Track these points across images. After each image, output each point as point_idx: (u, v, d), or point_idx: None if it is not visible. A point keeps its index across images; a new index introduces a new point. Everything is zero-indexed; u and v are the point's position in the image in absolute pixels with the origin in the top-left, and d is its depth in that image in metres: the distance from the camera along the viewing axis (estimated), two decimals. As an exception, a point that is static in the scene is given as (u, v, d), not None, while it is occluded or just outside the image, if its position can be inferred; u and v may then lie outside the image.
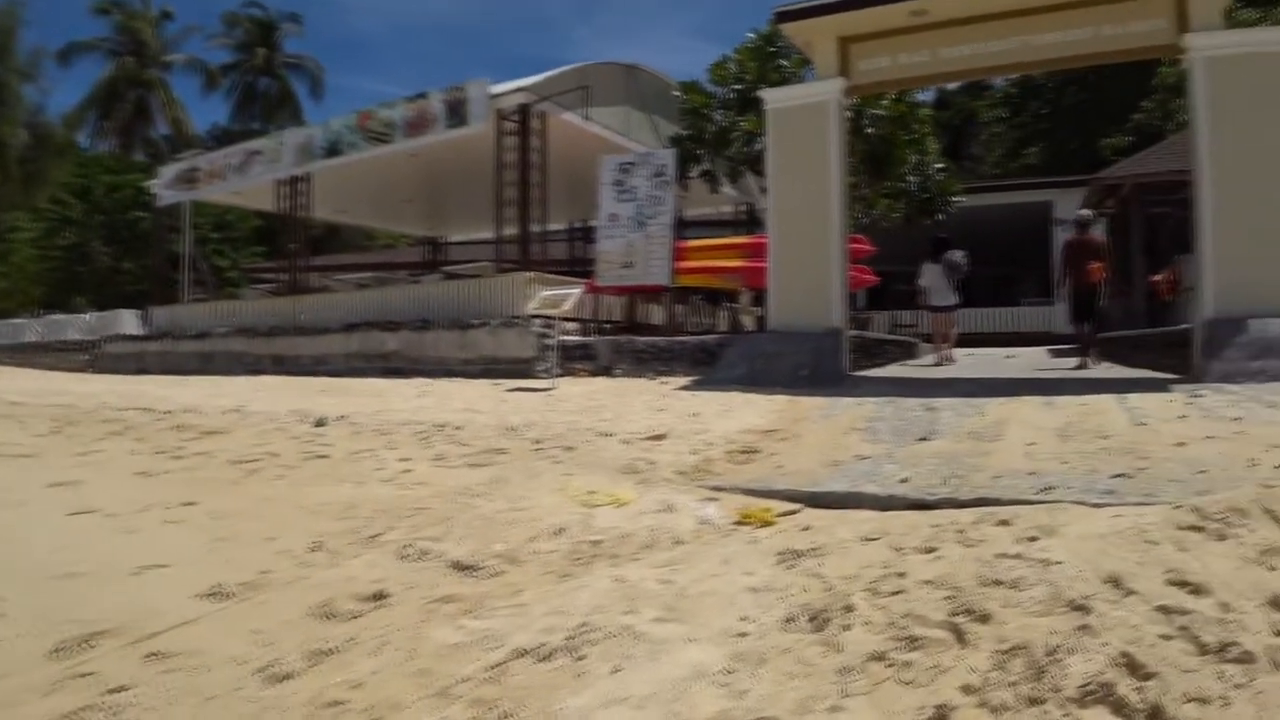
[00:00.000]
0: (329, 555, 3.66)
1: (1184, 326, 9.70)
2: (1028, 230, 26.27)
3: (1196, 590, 2.99)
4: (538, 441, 5.98)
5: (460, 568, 3.59)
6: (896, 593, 3.13)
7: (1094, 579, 3.13)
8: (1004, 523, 3.95)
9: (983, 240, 27.36)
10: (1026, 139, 42.06)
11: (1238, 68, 8.34)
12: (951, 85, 45.11)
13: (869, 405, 7.19)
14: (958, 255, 13.64)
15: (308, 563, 3.57)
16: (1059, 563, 3.26)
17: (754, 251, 11.64)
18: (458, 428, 6.71)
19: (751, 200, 20.04)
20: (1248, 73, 8.32)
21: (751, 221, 19.87)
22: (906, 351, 15.07)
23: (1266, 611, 2.83)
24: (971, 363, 13.71)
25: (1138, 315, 16.07)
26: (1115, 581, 3.10)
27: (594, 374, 10.35)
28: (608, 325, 12.31)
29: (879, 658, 2.48)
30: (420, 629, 2.79)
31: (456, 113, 12.56)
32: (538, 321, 10.67)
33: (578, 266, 15.69)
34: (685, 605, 3.02)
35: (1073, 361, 12.07)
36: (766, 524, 4.29)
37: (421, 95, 13.28)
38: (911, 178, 15.86)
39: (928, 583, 3.19)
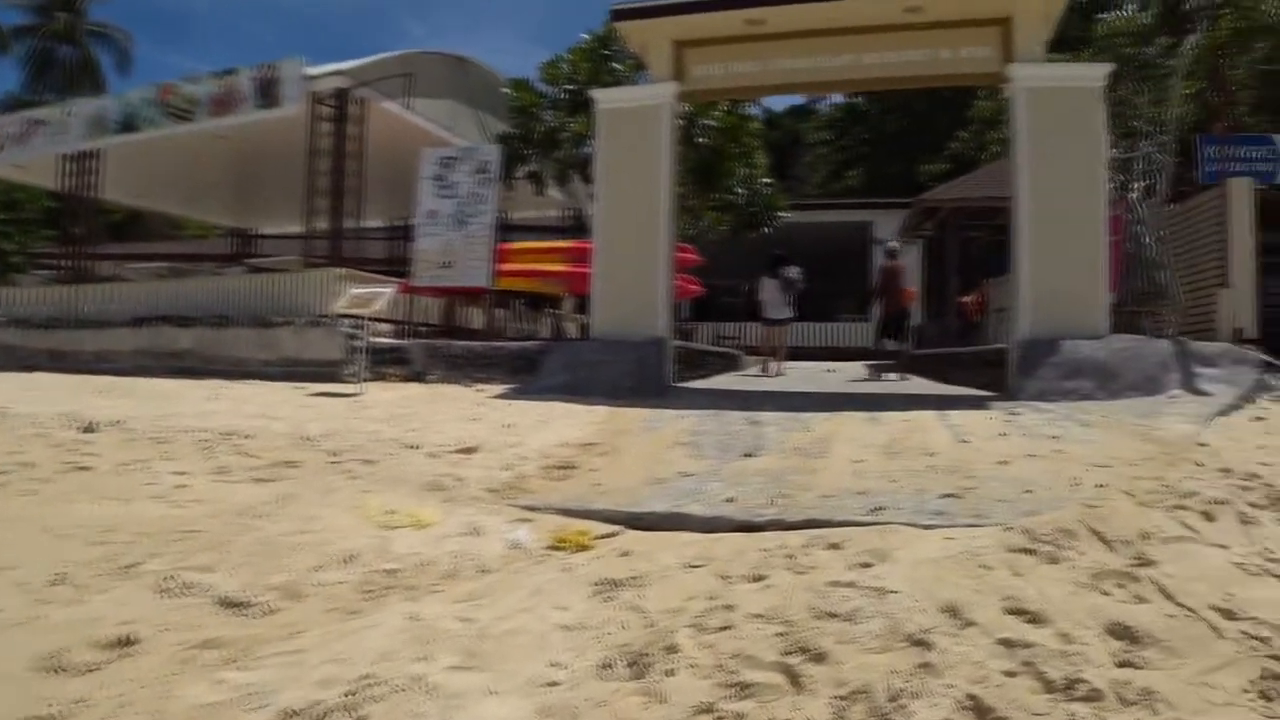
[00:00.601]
0: (73, 590, 3.17)
1: (999, 346, 10.13)
2: (848, 248, 27.24)
3: (1035, 619, 2.92)
4: (335, 454, 5.53)
5: (230, 604, 3.18)
6: (725, 628, 2.93)
7: (932, 609, 3.02)
8: (835, 546, 3.84)
9: (805, 256, 28.29)
10: (849, 162, 43.81)
11: (1055, 99, 8.74)
12: (780, 106, 46.62)
13: (693, 418, 7.07)
14: (794, 271, 14.25)
15: (45, 599, 3.07)
16: (895, 592, 3.14)
17: (578, 256, 11.43)
18: (247, 436, 6.15)
19: (579, 205, 19.87)
20: (1063, 104, 8.73)
21: (579, 227, 19.65)
22: (730, 363, 15.20)
23: (1105, 640, 2.79)
24: (793, 377, 13.95)
25: (951, 334, 16.82)
26: (953, 611, 2.99)
27: (406, 379, 9.86)
28: (424, 328, 11.80)
29: (707, 710, 2.27)
30: (171, 685, 2.39)
31: (268, 93, 11.74)
32: (347, 322, 10.08)
33: (397, 266, 15.03)
34: (488, 649, 2.72)
35: (893, 375, 13.11)
36: (583, 548, 4.03)
37: (230, 71, 12.35)
38: (740, 190, 16.04)
39: (758, 616, 3.00)
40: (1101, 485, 4.56)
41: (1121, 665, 2.64)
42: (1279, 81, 16.82)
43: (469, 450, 5.63)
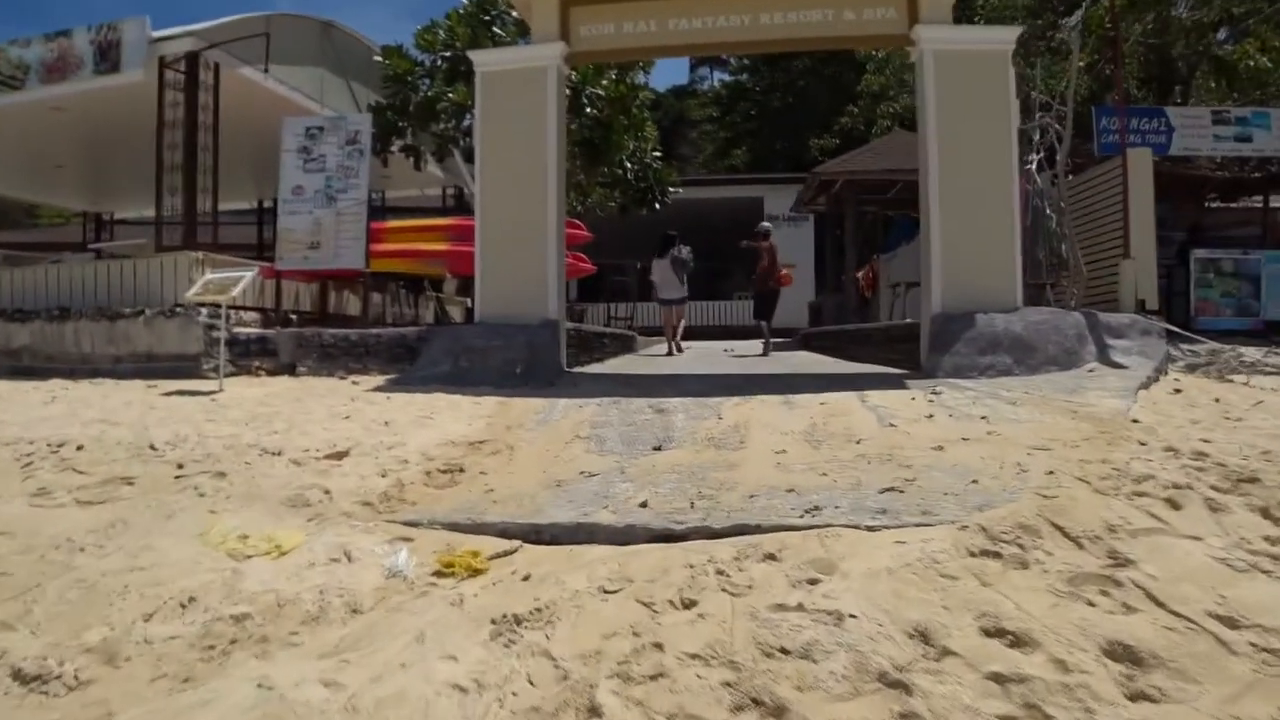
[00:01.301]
0: None
1: (907, 321, 9.86)
2: (740, 225, 26.99)
3: (1021, 641, 2.50)
4: (181, 465, 4.81)
5: (24, 679, 2.54)
6: (657, 676, 2.41)
7: (899, 635, 2.56)
8: (772, 557, 3.38)
9: (695, 233, 28.03)
10: (734, 139, 43.80)
11: (963, 63, 8.47)
12: (662, 85, 46.14)
13: (592, 407, 6.53)
14: (685, 251, 14.77)
15: None
16: (853, 615, 2.67)
17: (460, 234, 10.75)
18: (79, 448, 5.36)
19: (460, 183, 19.10)
20: (972, 69, 8.47)
21: (460, 207, 18.92)
22: (626, 345, 14.71)
23: (1105, 665, 2.39)
24: (692, 356, 13.59)
25: (848, 310, 16.67)
26: (925, 636, 2.54)
27: (274, 373, 9.04)
28: (295, 316, 10.93)
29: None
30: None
31: (107, 56, 10.58)
32: (205, 312, 9.18)
33: (267, 252, 13.98)
34: (356, 729, 2.16)
35: (758, 349, 14.10)
36: (476, 572, 3.46)
37: (64, 33, 11.10)
38: (629, 165, 15.49)
39: (695, 657, 2.50)
40: (1050, 472, 4.25)
41: (1135, 698, 2.26)
42: (1164, 55, 17.19)
43: (340, 455, 4.97)
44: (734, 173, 37.07)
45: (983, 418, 5.84)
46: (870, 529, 3.64)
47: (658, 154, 16.43)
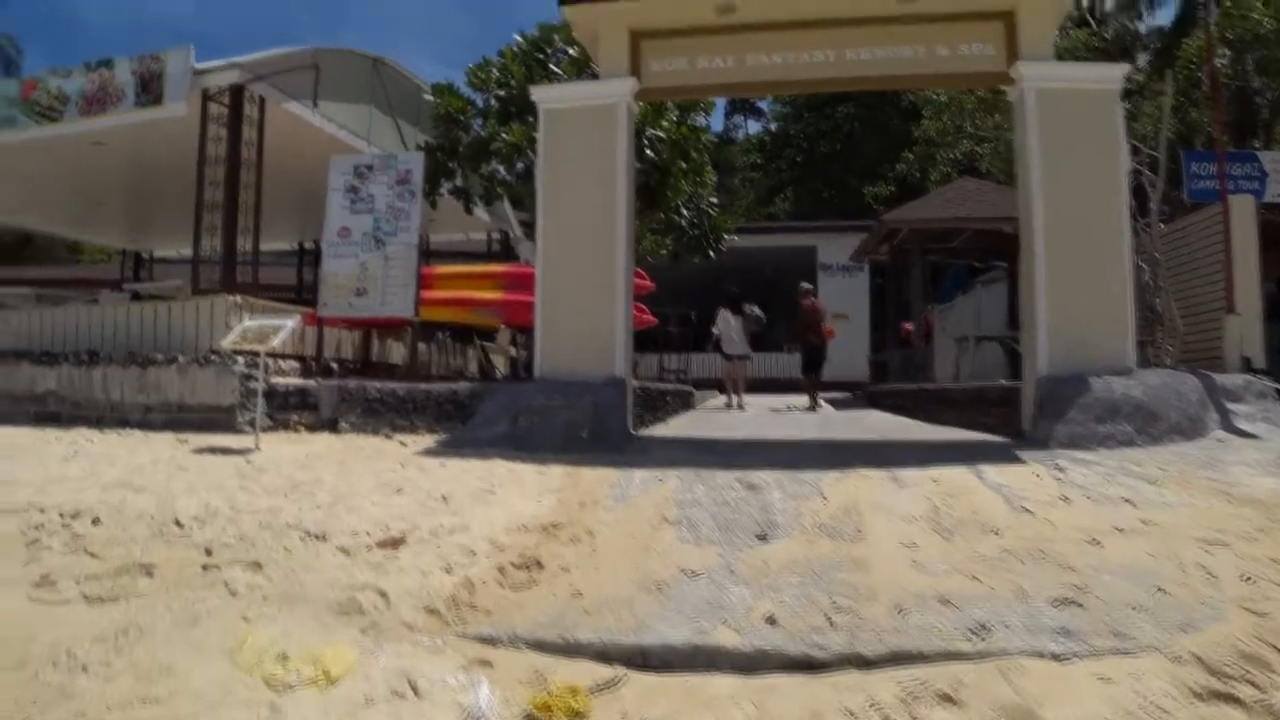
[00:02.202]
0: None
1: (1002, 383, 9.10)
2: (791, 274, 26.39)
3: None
4: (209, 551, 4.14)
5: None
6: None
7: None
8: (948, 699, 2.65)
9: (747, 281, 27.40)
10: (778, 187, 43.30)
11: (1068, 102, 7.81)
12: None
13: (672, 481, 5.82)
14: (756, 310, 16.18)
15: None
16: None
17: (515, 282, 10.16)
18: (95, 520, 4.72)
19: (507, 228, 18.59)
20: (1078, 108, 7.82)
21: (506, 252, 18.41)
22: (686, 401, 14.00)
23: None
24: (754, 414, 12.87)
25: (915, 366, 15.86)
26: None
27: (314, 429, 8.42)
28: (335, 365, 10.34)
29: None
30: None
31: (149, 88, 10.12)
32: (243, 360, 8.59)
33: (308, 294, 13.42)
34: None
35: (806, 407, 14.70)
36: (577, 716, 2.75)
37: (105, 63, 10.64)
38: (685, 211, 14.87)
39: None
40: (1247, 578, 3.53)
41: None
42: (1245, 97, 16.42)
43: (395, 542, 4.28)
44: (776, 220, 36.48)
45: (1126, 501, 5.12)
46: (1058, 658, 2.96)
47: (714, 200, 15.81)
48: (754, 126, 54.18)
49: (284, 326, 7.46)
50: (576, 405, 7.30)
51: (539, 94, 8.46)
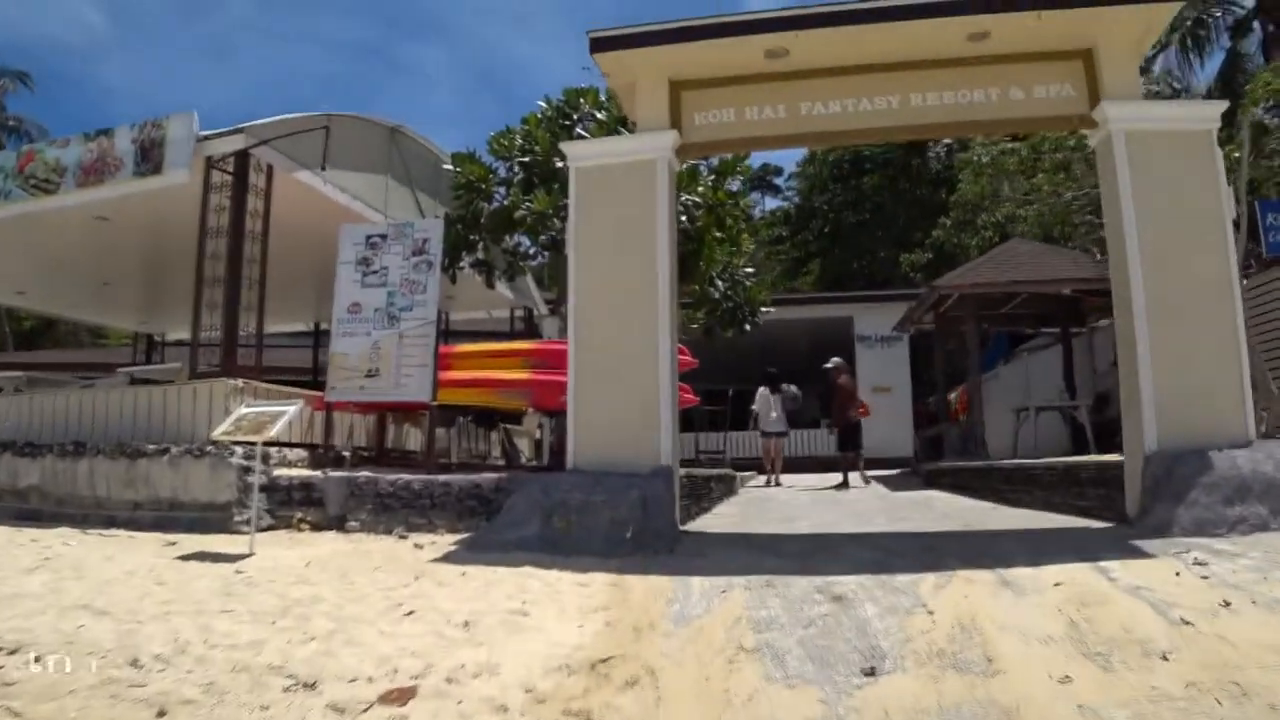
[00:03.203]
0: None
1: (1099, 459, 8.09)
2: (825, 347, 25.58)
3: None
4: (164, 712, 3.21)
5: None
6: None
7: None
8: None
9: (783, 354, 26.57)
10: (804, 259, 42.80)
11: (1160, 144, 6.99)
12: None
13: (739, 592, 4.88)
14: (793, 389, 17.17)
15: None
16: None
17: (544, 360, 9.29)
18: (37, 659, 3.81)
19: (530, 304, 17.87)
20: (1172, 151, 7.00)
21: (530, 331, 17.63)
22: (728, 486, 13.00)
23: None
24: (809, 500, 11.87)
25: (975, 441, 14.81)
26: None
27: (320, 527, 7.52)
28: (347, 453, 9.46)
29: None
30: None
31: (149, 156, 9.39)
32: (241, 451, 7.72)
33: (322, 378, 12.64)
34: None
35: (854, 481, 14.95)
36: None
37: (105, 132, 9.88)
38: (720, 282, 14.06)
39: None
40: None
41: None
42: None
43: (404, 695, 3.36)
44: (802, 292, 35.81)
45: None
46: None
47: (750, 270, 14.99)
48: (771, 203, 54.21)
49: (283, 414, 6.60)
50: (620, 500, 6.36)
51: (571, 150, 7.67)
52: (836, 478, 15.71)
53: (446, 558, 6.10)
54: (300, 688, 3.43)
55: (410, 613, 4.55)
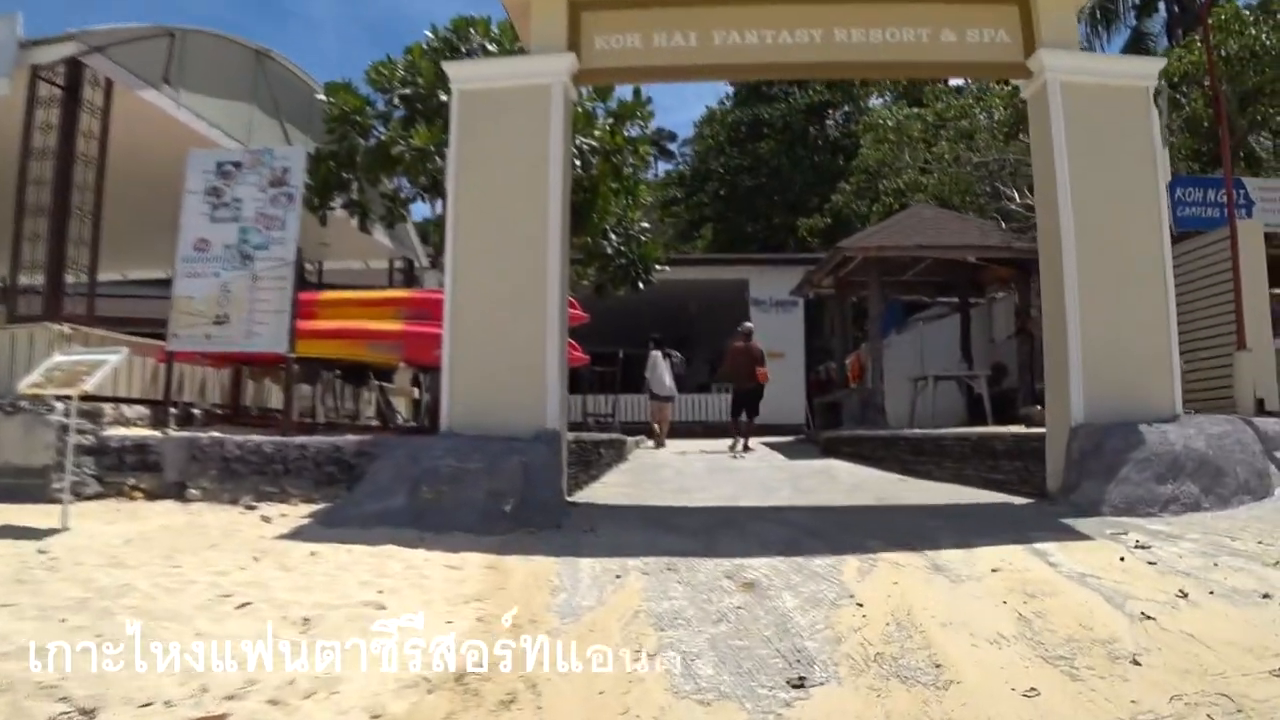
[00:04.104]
0: None
1: (1019, 430, 7.72)
2: (720, 309, 25.23)
3: None
4: None
5: None
6: None
7: None
8: None
9: (674, 317, 26.08)
10: (700, 221, 42.41)
11: (1097, 100, 6.61)
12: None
13: (636, 577, 4.29)
14: (677, 354, 18.23)
15: None
16: None
17: (420, 310, 8.47)
18: None
19: (411, 255, 16.87)
20: (1108, 107, 6.63)
21: (410, 285, 16.64)
22: (618, 452, 12.36)
23: None
24: (705, 467, 11.36)
25: (876, 409, 14.48)
26: None
27: (156, 495, 6.60)
28: (199, 412, 8.48)
29: None
30: None
31: (-39, 63, 8.20)
32: (63, 407, 6.71)
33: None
34: None
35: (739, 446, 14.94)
36: None
37: None
38: (613, 236, 13.34)
39: None
40: None
41: None
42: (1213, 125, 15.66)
43: (210, 726, 2.61)
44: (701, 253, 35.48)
45: (1264, 596, 3.84)
46: None
47: (646, 225, 14.31)
48: (664, 168, 53.70)
49: (103, 363, 5.65)
50: (499, 468, 5.65)
51: (454, 70, 6.83)
52: (725, 442, 15.75)
53: (296, 533, 5.31)
54: (77, 716, 2.65)
55: (242, 605, 3.77)
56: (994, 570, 4.27)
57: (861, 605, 3.82)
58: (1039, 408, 12.05)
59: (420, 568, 4.50)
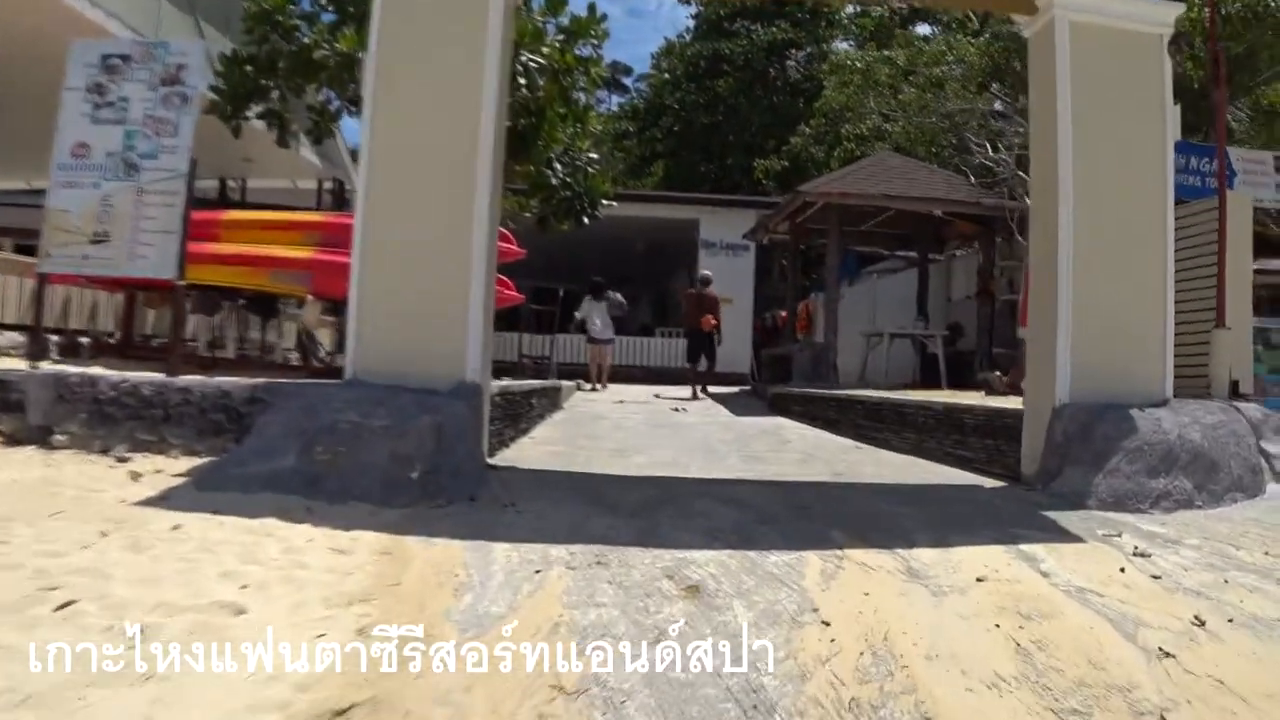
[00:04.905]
0: None
1: (994, 406, 7.13)
2: (669, 249, 24.51)
3: None
4: None
5: None
6: None
7: None
8: None
9: (620, 256, 25.30)
10: (652, 157, 41.56)
11: (1106, 43, 5.96)
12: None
13: (559, 575, 3.63)
14: (618, 295, 18.02)
15: None
16: None
17: (336, 237, 7.64)
18: None
19: (342, 175, 15.88)
20: (1117, 52, 6.00)
21: (340, 207, 15.64)
22: (552, 401, 11.64)
23: None
24: (645, 418, 10.72)
25: (828, 366, 13.90)
26: None
27: (19, 440, 5.75)
28: (85, 343, 7.58)
29: None
30: None
31: None
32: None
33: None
34: None
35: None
36: None
37: None
38: (559, 165, 12.45)
39: None
40: None
41: None
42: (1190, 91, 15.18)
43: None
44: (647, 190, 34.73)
45: None
46: None
47: (594, 156, 13.43)
48: (617, 101, 52.69)
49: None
50: (407, 427, 4.90)
51: (371, -50, 5.92)
52: (668, 390, 16.22)
53: (164, 498, 4.53)
54: None
55: (63, 606, 3.02)
56: (979, 580, 3.66)
57: (829, 624, 3.19)
58: (998, 374, 11.62)
59: (301, 552, 3.78)
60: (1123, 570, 3.89)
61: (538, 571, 3.63)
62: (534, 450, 7.58)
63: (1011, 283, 13.51)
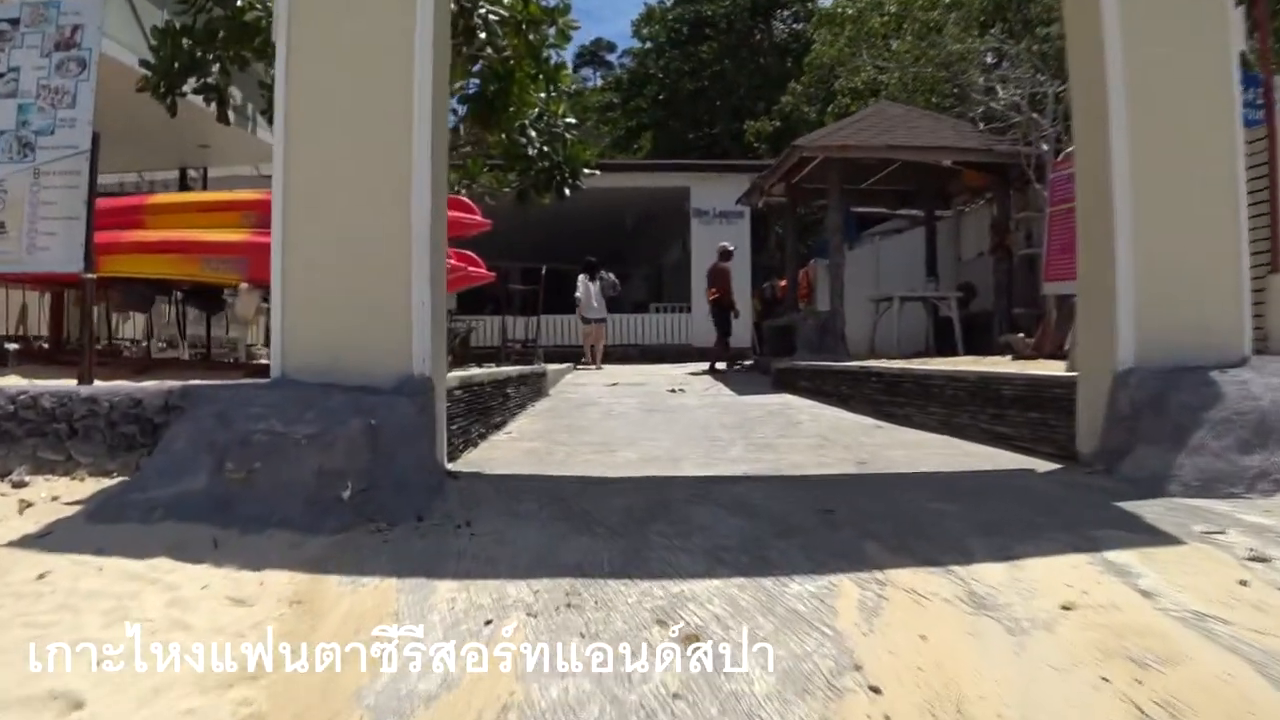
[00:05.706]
0: None
1: (1046, 374, 6.29)
2: (660, 220, 23.69)
3: None
4: None
5: None
6: None
7: None
8: None
9: (610, 229, 24.55)
10: (638, 128, 40.85)
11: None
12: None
13: (516, 624, 2.87)
14: (611, 276, 18.60)
15: None
16: None
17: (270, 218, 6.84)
18: None
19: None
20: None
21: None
22: (535, 389, 10.84)
23: None
24: (638, 403, 9.96)
25: (837, 337, 13.07)
26: None
27: (-105, 462, 5.01)
28: (10, 349, 6.79)
29: None
30: None
31: None
32: None
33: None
34: None
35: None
36: None
37: None
38: (534, 133, 11.61)
39: None
40: None
41: None
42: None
43: None
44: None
45: None
46: None
47: (571, 120, 12.59)
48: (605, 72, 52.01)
49: None
50: (337, 434, 4.08)
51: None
52: (666, 370, 16.01)
53: (42, 535, 3.74)
54: None
55: None
56: (1065, 608, 2.84)
57: (879, 692, 2.39)
58: (1021, 336, 10.82)
59: (188, 605, 2.99)
60: (1244, 584, 3.04)
61: (488, 622, 2.84)
62: (507, 447, 6.76)
63: (1029, 236, 12.67)
